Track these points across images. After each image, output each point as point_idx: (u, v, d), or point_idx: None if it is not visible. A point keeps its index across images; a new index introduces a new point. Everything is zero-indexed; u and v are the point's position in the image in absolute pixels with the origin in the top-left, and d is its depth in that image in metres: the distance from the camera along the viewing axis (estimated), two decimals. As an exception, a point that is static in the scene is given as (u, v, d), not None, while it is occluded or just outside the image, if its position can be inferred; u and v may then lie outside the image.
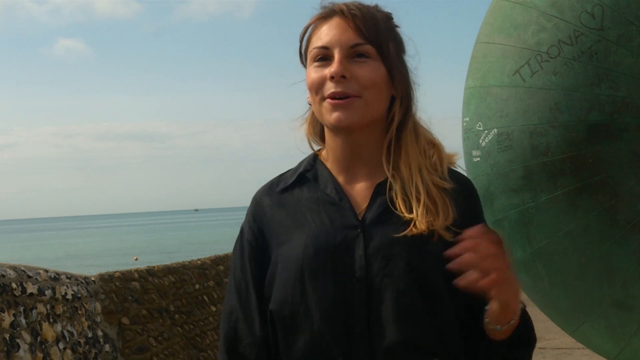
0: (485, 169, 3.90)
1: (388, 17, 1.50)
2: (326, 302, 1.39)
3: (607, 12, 3.46)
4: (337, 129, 1.47)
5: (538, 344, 1.56)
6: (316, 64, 1.47)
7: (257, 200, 1.56)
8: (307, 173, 1.54)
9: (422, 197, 1.40)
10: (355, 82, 1.43)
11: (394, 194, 1.43)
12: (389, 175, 1.45)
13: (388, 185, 1.45)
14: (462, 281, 1.29)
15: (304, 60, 1.53)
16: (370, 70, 1.44)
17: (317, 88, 1.46)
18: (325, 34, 1.46)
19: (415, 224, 1.39)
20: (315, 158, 1.57)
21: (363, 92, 1.43)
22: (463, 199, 1.46)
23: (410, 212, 1.40)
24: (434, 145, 1.50)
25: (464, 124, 4.12)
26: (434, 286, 1.39)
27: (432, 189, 1.42)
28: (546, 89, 3.57)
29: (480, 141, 3.90)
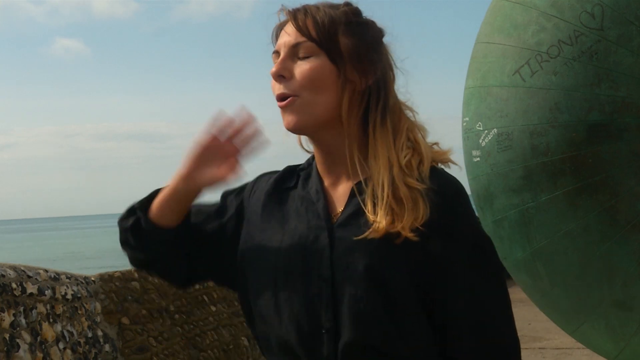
0: (485, 169, 3.90)
1: (347, 12, 1.46)
2: (294, 301, 1.40)
3: (607, 12, 3.46)
4: (292, 132, 1.47)
5: (538, 344, 1.55)
6: None
7: (259, 180, 1.61)
8: (302, 172, 1.56)
9: (385, 196, 1.36)
10: (294, 81, 1.42)
11: (366, 196, 1.40)
12: (361, 177, 1.42)
13: (362, 187, 1.42)
14: None
15: None
16: (307, 68, 1.41)
17: (273, 93, 1.47)
18: (279, 39, 1.47)
19: (375, 226, 1.35)
20: (313, 157, 1.57)
21: (300, 91, 1.41)
22: (439, 199, 1.38)
23: (375, 213, 1.37)
24: (414, 142, 1.44)
25: (464, 124, 4.12)
26: (397, 290, 1.35)
27: (400, 187, 1.36)
28: (546, 89, 3.57)
29: (480, 141, 3.90)
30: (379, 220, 1.35)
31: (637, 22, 3.42)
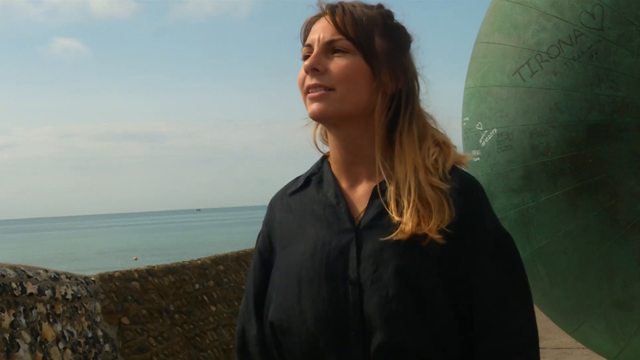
0: (485, 169, 3.90)
1: (383, 14, 1.49)
2: (320, 306, 1.40)
3: (607, 12, 3.46)
4: (315, 120, 1.48)
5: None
6: (304, 62, 1.49)
7: (271, 205, 1.60)
8: (314, 176, 1.55)
9: (412, 199, 1.38)
10: (329, 75, 1.44)
11: (388, 196, 1.42)
12: (384, 177, 1.44)
13: (385, 188, 1.44)
14: None
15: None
16: (344, 64, 1.43)
17: (300, 84, 1.48)
18: (311, 33, 1.49)
19: (403, 227, 1.37)
20: (322, 160, 1.57)
21: (336, 85, 1.43)
22: (462, 199, 1.42)
23: (401, 214, 1.39)
24: (440, 144, 1.47)
25: (464, 124, 4.13)
26: (427, 290, 1.37)
27: (426, 190, 1.39)
28: (546, 89, 3.58)
29: (480, 141, 3.90)
30: (405, 222, 1.37)
31: (637, 22, 3.42)
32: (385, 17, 1.49)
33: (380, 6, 1.51)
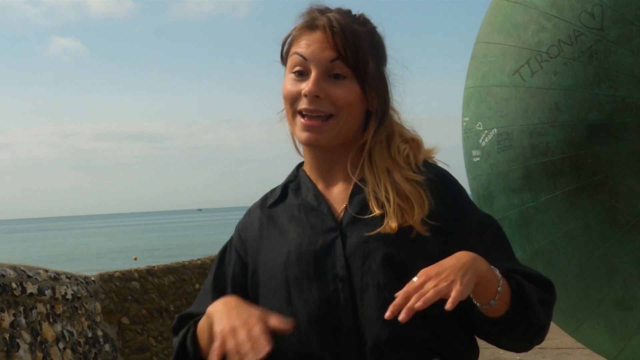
0: (485, 168, 3.90)
1: (371, 31, 1.50)
2: (311, 306, 1.41)
3: (607, 12, 3.46)
4: (306, 146, 1.51)
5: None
6: (293, 75, 1.49)
7: (249, 213, 1.61)
8: (291, 184, 1.58)
9: (392, 196, 1.41)
10: (329, 101, 1.45)
11: (366, 194, 1.45)
12: (356, 179, 1.47)
13: (361, 186, 1.47)
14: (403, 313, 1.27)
15: (284, 61, 1.55)
16: (345, 91, 1.45)
17: (291, 101, 1.48)
18: (306, 45, 1.47)
19: (387, 220, 1.40)
20: (298, 168, 1.60)
21: (337, 111, 1.45)
22: (439, 186, 1.46)
23: (381, 208, 1.42)
24: (409, 140, 1.51)
25: (464, 123, 4.12)
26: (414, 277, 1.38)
27: (403, 186, 1.43)
28: (546, 89, 3.58)
29: (480, 141, 3.90)
30: (390, 214, 1.40)
31: (637, 22, 3.42)
32: (372, 35, 1.50)
33: (364, 20, 1.50)
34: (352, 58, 1.44)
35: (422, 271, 1.30)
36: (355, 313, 1.39)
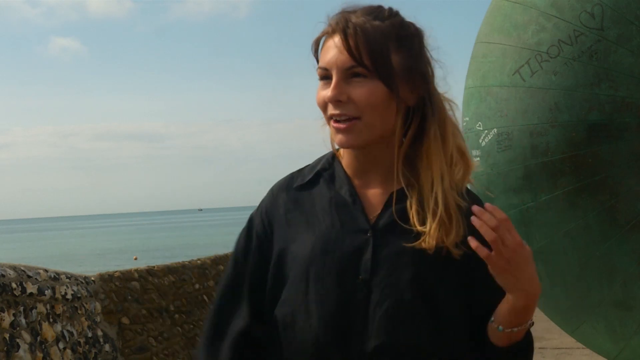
0: (485, 169, 3.90)
1: (393, 23, 1.45)
2: (326, 303, 1.40)
3: (607, 12, 3.46)
4: (343, 148, 1.49)
5: (538, 344, 1.56)
6: (321, 82, 1.47)
7: (274, 194, 1.56)
8: (325, 172, 1.54)
9: (440, 210, 1.39)
10: (353, 104, 1.42)
11: (408, 204, 1.42)
12: (404, 185, 1.44)
13: (402, 194, 1.44)
14: (473, 242, 1.30)
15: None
16: (366, 92, 1.41)
17: (322, 108, 1.48)
18: (326, 53, 1.46)
19: (426, 238, 1.38)
20: (333, 157, 1.56)
21: (361, 114, 1.42)
22: (470, 214, 1.42)
23: (423, 224, 1.39)
24: (462, 155, 1.46)
25: (464, 123, 4.13)
26: (442, 299, 1.39)
27: (450, 202, 1.40)
28: (546, 89, 3.58)
29: (480, 141, 3.90)
30: (431, 233, 1.38)
31: (637, 22, 3.42)
32: (398, 28, 1.45)
33: (390, 13, 1.46)
34: (368, 59, 1.41)
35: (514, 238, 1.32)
36: (366, 319, 1.38)
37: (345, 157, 1.53)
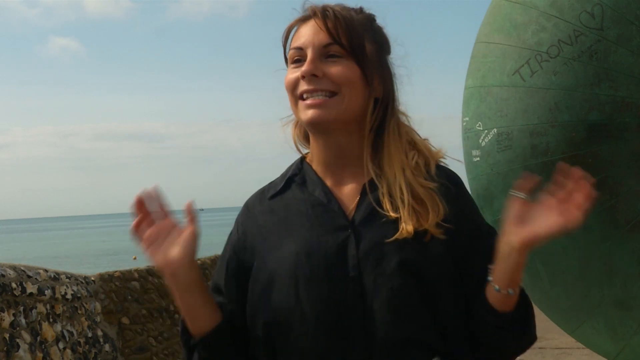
0: (485, 169, 3.90)
1: (369, 18, 1.51)
2: (321, 304, 1.40)
3: (607, 12, 3.46)
4: (311, 126, 1.48)
5: (538, 344, 1.56)
6: (292, 65, 1.49)
7: (248, 207, 1.58)
8: (295, 177, 1.55)
9: (406, 198, 1.41)
10: (328, 80, 1.44)
11: (380, 194, 1.44)
12: (373, 175, 1.46)
13: (374, 185, 1.46)
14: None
15: (287, 61, 1.55)
16: (343, 69, 1.44)
17: (292, 88, 1.48)
18: (301, 36, 1.48)
19: (402, 225, 1.40)
20: (302, 161, 1.57)
21: (339, 89, 1.44)
22: (454, 192, 1.48)
23: (397, 211, 1.41)
24: (414, 144, 1.51)
25: (464, 123, 4.12)
26: (431, 282, 1.39)
27: (417, 189, 1.43)
28: (546, 89, 3.58)
29: (480, 141, 3.90)
30: (405, 220, 1.39)
31: (637, 22, 3.42)
32: (372, 21, 1.52)
33: (363, 10, 1.52)
34: (345, 39, 1.44)
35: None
36: (364, 314, 1.38)
37: (315, 155, 1.54)
